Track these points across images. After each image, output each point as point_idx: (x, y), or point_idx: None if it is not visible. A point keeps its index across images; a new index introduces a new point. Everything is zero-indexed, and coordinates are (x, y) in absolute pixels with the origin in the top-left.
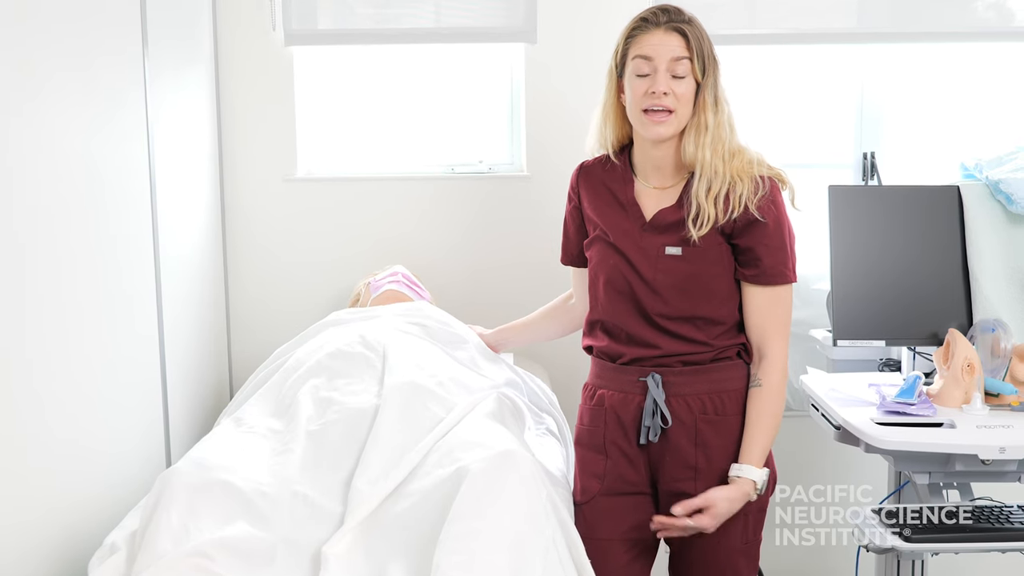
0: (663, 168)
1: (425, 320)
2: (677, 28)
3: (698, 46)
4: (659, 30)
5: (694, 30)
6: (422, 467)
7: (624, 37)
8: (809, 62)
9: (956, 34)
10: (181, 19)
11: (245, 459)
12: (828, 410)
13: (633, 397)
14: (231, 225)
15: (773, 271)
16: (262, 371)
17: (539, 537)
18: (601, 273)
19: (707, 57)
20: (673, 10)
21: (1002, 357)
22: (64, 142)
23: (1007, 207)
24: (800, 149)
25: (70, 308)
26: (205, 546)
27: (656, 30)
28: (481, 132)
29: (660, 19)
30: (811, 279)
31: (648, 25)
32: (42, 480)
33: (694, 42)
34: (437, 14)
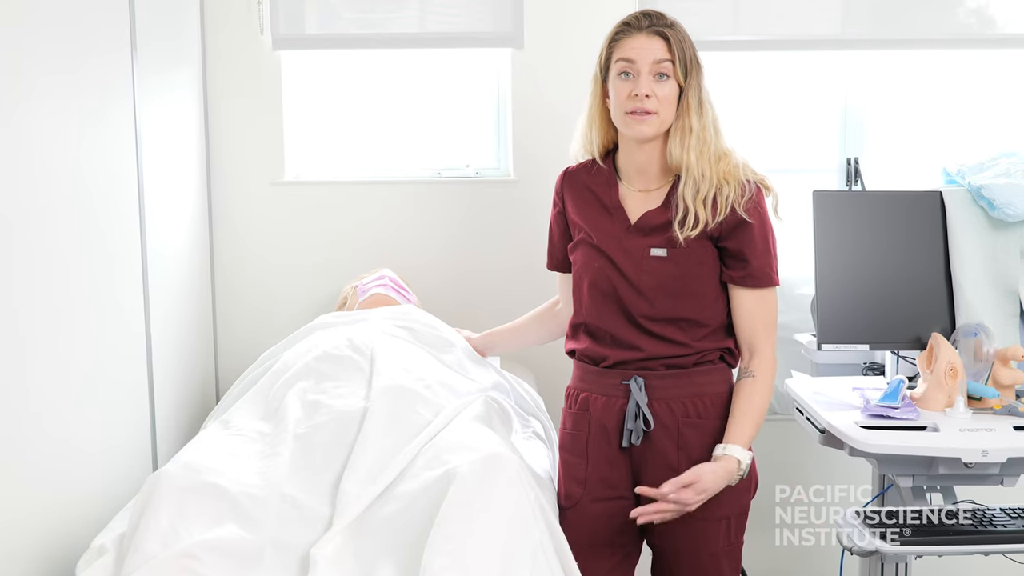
0: (648, 171)
1: (412, 324)
2: (659, 32)
3: (680, 49)
4: (641, 34)
5: (676, 34)
6: (410, 470)
7: (608, 41)
8: (793, 68)
9: (938, 41)
10: (169, 22)
11: (233, 461)
12: (813, 414)
13: (616, 400)
14: (218, 228)
15: (760, 273)
16: (250, 374)
17: (527, 540)
18: (586, 275)
19: (689, 60)
20: (655, 14)
21: (984, 361)
22: (51, 144)
23: (989, 212)
24: (784, 154)
25: (57, 310)
26: (194, 548)
27: (639, 34)
28: (468, 136)
29: (643, 23)
30: (796, 283)
31: (631, 29)
32: (28, 482)
33: (676, 45)
34: (422, 19)
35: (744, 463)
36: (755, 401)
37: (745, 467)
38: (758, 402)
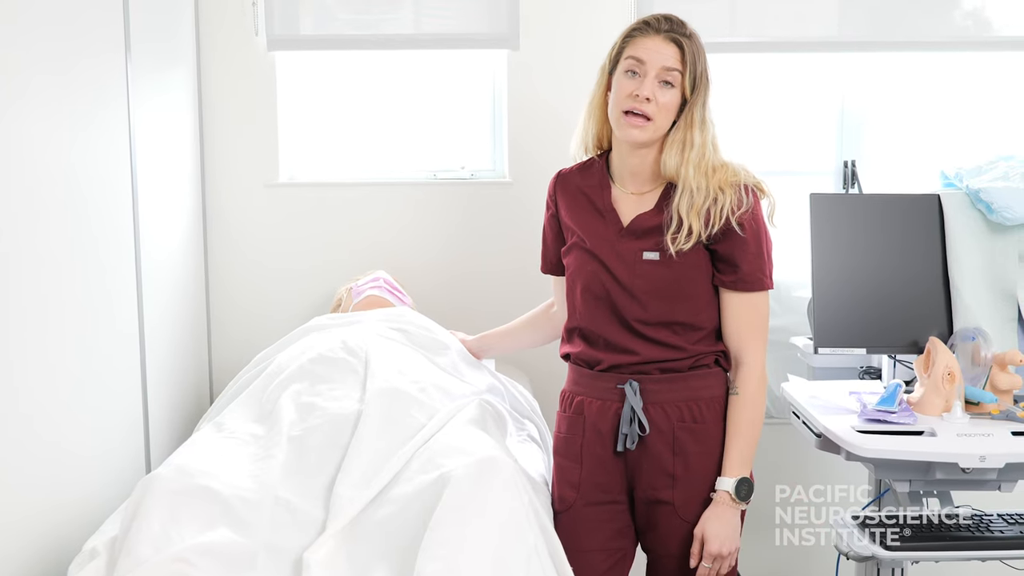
0: (640, 175)
1: (407, 326)
2: (676, 39)
3: (692, 62)
4: (658, 36)
5: (692, 45)
6: (404, 473)
7: (623, 36)
8: (790, 70)
9: (935, 43)
10: (163, 23)
11: (226, 464)
12: (809, 418)
13: (611, 404)
14: (212, 230)
15: (751, 278)
16: (243, 376)
17: (522, 545)
18: (579, 280)
19: (699, 75)
20: (677, 21)
21: (982, 365)
22: (44, 144)
23: (987, 216)
24: (781, 157)
25: (49, 312)
26: (186, 552)
27: (655, 36)
28: (463, 138)
29: (662, 26)
30: (792, 286)
31: (649, 29)
32: (20, 485)
33: (689, 57)
34: (417, 20)
35: (732, 490)
36: (742, 422)
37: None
38: (745, 422)
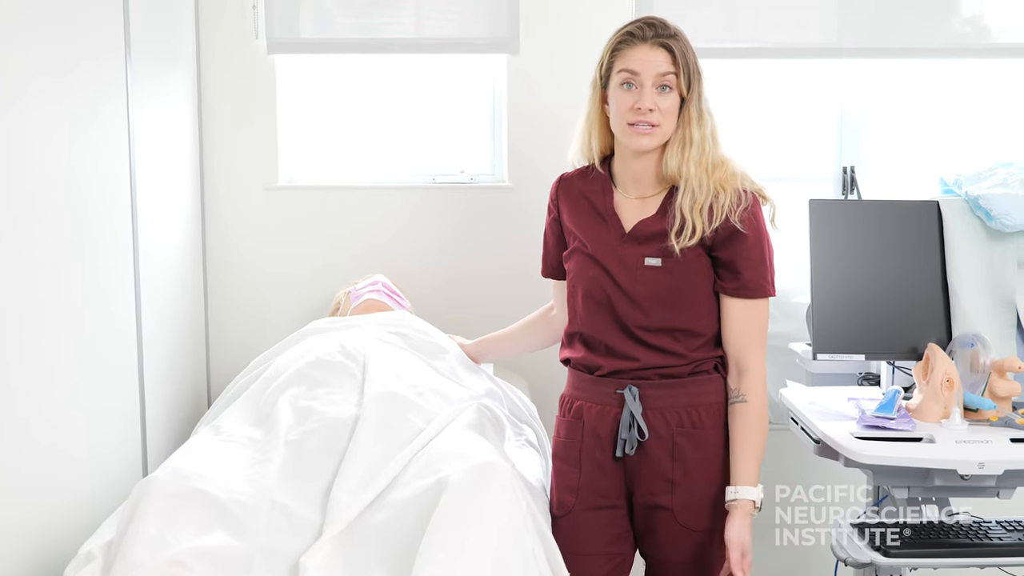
0: (643, 180)
1: (405, 330)
2: (663, 43)
3: (683, 60)
4: (645, 45)
5: (679, 44)
6: (402, 478)
7: (609, 50)
8: (789, 76)
9: (934, 50)
10: (163, 24)
11: (223, 468)
12: (808, 424)
13: (610, 409)
14: (211, 232)
15: (753, 284)
16: (241, 379)
17: (519, 549)
18: (580, 285)
19: (692, 71)
20: (659, 24)
21: (981, 372)
22: (43, 145)
23: (986, 223)
24: (780, 163)
25: (48, 313)
26: (182, 555)
27: (642, 45)
28: (463, 142)
29: (647, 34)
30: (791, 292)
31: (634, 40)
32: (16, 487)
33: (680, 57)
34: (418, 24)
35: (759, 500)
36: (753, 431)
37: (760, 502)
38: (757, 430)
